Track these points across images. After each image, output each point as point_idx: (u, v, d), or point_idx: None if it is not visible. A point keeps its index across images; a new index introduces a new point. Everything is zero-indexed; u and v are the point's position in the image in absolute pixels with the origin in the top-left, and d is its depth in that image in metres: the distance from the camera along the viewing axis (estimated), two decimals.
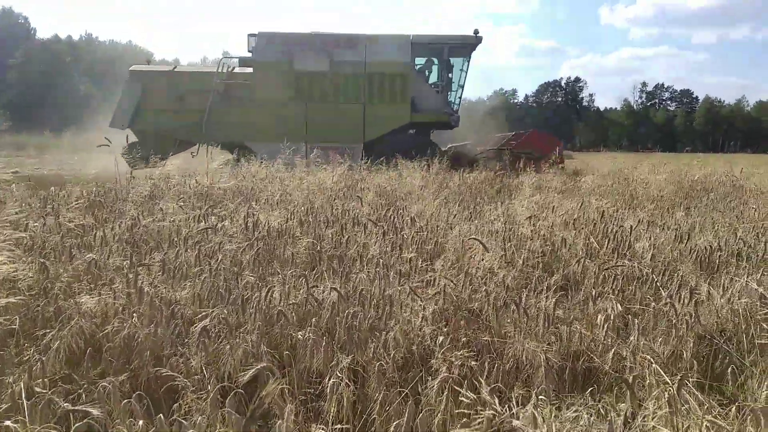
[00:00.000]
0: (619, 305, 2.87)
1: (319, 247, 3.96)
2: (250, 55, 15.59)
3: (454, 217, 5.32)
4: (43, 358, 2.15)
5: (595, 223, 4.74)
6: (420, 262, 3.64)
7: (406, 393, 2.19)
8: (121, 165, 7.96)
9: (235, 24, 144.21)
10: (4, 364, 2.19)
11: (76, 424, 1.64)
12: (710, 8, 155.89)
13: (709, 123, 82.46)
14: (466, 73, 16.06)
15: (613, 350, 2.52)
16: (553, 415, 1.91)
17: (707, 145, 69.84)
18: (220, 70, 15.14)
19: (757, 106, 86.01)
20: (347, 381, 2.16)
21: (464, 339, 2.70)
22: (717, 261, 3.86)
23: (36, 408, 1.79)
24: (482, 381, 2.02)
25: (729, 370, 2.45)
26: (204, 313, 2.66)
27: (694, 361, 2.54)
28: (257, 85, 15.14)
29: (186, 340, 2.51)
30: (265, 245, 3.96)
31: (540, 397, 2.01)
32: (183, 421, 1.72)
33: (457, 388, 2.10)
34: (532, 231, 4.35)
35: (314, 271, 3.53)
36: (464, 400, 2.10)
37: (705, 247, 3.99)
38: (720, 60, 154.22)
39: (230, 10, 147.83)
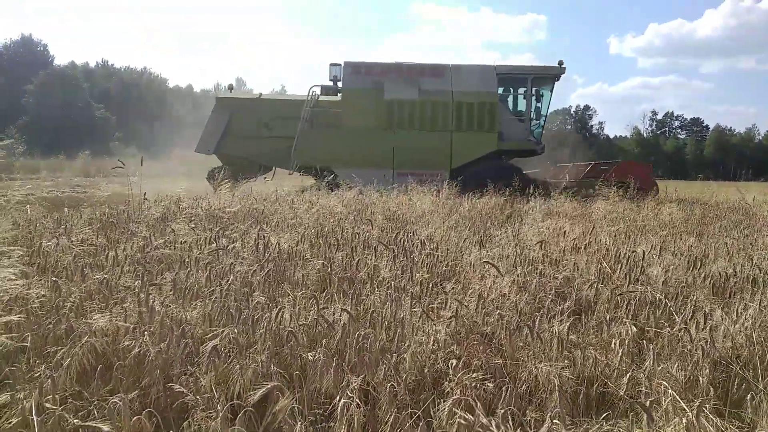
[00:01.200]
0: (633, 327, 2.83)
1: (329, 269, 3.95)
2: (331, 83, 16.17)
3: (464, 240, 5.31)
4: (54, 375, 2.14)
5: (607, 248, 4.71)
6: (431, 285, 3.62)
7: (418, 415, 2.16)
8: (135, 187, 8.04)
9: (234, 50, 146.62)
10: (16, 381, 2.19)
11: None
12: (717, 39, 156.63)
13: (720, 151, 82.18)
14: (549, 102, 16.54)
15: (628, 375, 2.48)
16: None
17: (718, 173, 69.56)
18: (309, 98, 15.57)
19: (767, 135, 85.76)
20: (358, 402, 2.14)
21: (477, 362, 2.67)
22: (731, 287, 3.81)
23: (46, 424, 1.78)
24: (497, 404, 1.99)
25: (748, 396, 2.40)
26: (214, 333, 2.66)
27: (711, 387, 2.50)
28: (346, 112, 15.61)
29: (196, 360, 2.50)
30: (276, 267, 3.96)
31: (554, 420, 1.98)
32: None
33: (469, 411, 2.07)
34: (543, 255, 4.32)
35: (324, 293, 3.52)
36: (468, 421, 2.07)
37: (719, 273, 3.94)
38: (728, 89, 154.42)
39: (235, 38, 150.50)
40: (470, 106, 15.48)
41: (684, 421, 1.91)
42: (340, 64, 16.11)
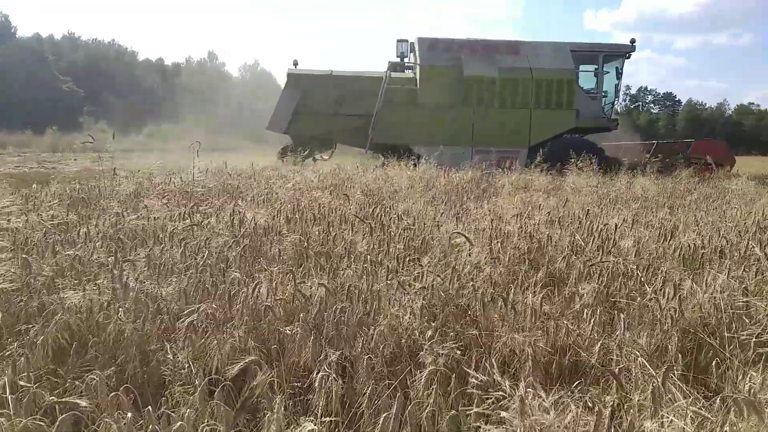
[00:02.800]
0: (605, 291, 2.90)
1: (306, 244, 3.95)
2: (398, 60, 16.00)
3: (441, 215, 5.33)
4: (27, 353, 2.12)
5: (580, 221, 4.78)
6: (407, 259, 3.65)
7: (395, 386, 2.19)
8: (105, 163, 7.88)
9: (210, 18, 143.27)
10: None
11: (62, 416, 1.62)
12: (689, 15, 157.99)
13: (691, 126, 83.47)
14: (620, 79, 16.53)
15: (599, 343, 2.54)
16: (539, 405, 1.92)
17: None
18: (386, 75, 15.30)
19: (737, 110, 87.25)
20: (335, 375, 2.16)
21: (452, 333, 2.71)
22: (700, 258, 3.91)
23: (21, 402, 1.77)
24: (470, 372, 2.02)
25: (713, 363, 2.48)
26: (190, 309, 2.65)
27: (679, 355, 2.58)
28: (423, 89, 15.41)
29: (172, 336, 2.49)
30: (251, 242, 3.94)
31: (527, 389, 2.02)
32: (171, 413, 1.70)
33: (445, 381, 2.11)
34: (518, 229, 4.37)
35: (301, 268, 3.52)
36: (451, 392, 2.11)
37: (689, 245, 4.04)
38: (700, 64, 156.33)
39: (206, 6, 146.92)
40: (549, 83, 15.42)
41: (651, 386, 1.97)
42: (407, 40, 16.00)
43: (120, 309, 2.58)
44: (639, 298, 3.06)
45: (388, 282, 2.98)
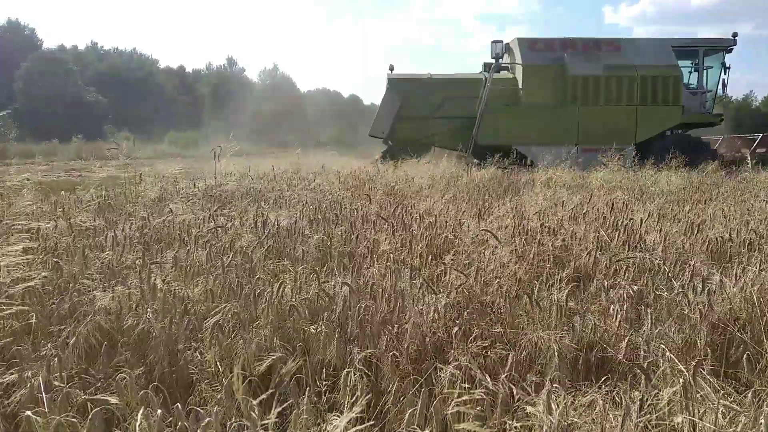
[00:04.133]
0: (633, 292, 2.86)
1: (329, 245, 3.97)
2: (493, 61, 16.04)
3: (463, 213, 5.32)
4: (61, 354, 2.17)
5: (605, 217, 4.73)
6: (430, 258, 3.64)
7: (420, 383, 2.20)
8: (130, 169, 8.02)
9: (228, 28, 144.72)
10: (23, 360, 2.21)
11: (94, 410, 1.65)
12: (711, 6, 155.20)
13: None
14: (721, 74, 16.38)
15: (626, 339, 2.51)
16: (567, 402, 1.91)
17: None
18: (488, 77, 15.47)
19: (765, 101, 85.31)
20: (361, 373, 2.17)
21: (477, 331, 2.70)
22: (729, 251, 3.84)
23: (55, 401, 1.81)
24: (498, 370, 2.02)
25: (744, 357, 2.44)
26: (217, 309, 2.68)
27: (708, 350, 2.53)
28: (527, 89, 15.55)
29: (199, 335, 2.53)
30: (275, 243, 3.97)
31: (554, 384, 2.01)
32: (200, 410, 1.73)
33: (470, 377, 2.10)
34: (542, 226, 4.34)
35: (324, 268, 3.54)
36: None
37: (717, 238, 3.97)
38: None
39: (225, 12, 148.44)
40: (654, 79, 15.39)
41: (681, 380, 1.94)
42: (501, 41, 16.04)
43: (148, 310, 2.62)
44: (666, 293, 3.02)
45: (412, 281, 2.98)
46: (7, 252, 2.87)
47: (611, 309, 2.85)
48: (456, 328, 2.49)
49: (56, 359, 2.18)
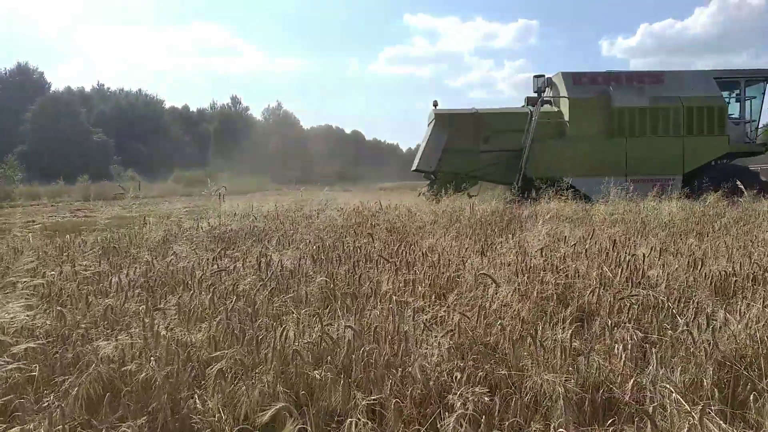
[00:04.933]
0: (638, 332, 2.85)
1: (332, 285, 3.97)
2: (535, 95, 16.57)
3: (466, 250, 5.32)
4: (63, 405, 2.16)
5: (607, 252, 4.72)
6: (433, 297, 3.64)
7: (425, 430, 2.18)
8: (135, 210, 8.09)
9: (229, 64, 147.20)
10: (25, 412, 2.20)
11: None
12: (709, 36, 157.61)
13: None
14: (762, 104, 16.77)
15: (632, 380, 2.49)
16: None
17: None
18: (535, 110, 15.84)
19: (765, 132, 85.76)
20: (365, 420, 2.15)
21: (481, 373, 2.69)
22: (732, 286, 3.83)
23: None
24: (502, 415, 2.00)
25: (751, 396, 2.41)
26: (219, 355, 2.68)
27: (715, 389, 2.51)
28: (573, 121, 15.92)
29: (203, 382, 2.52)
30: (278, 285, 3.98)
31: (560, 430, 1.99)
32: None
33: (475, 424, 2.09)
34: (544, 262, 4.34)
35: (328, 309, 3.54)
36: None
37: (720, 273, 3.96)
38: None
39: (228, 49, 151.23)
40: (700, 110, 15.72)
41: (687, 424, 1.92)
42: (543, 76, 16.65)
43: (152, 357, 2.62)
44: (671, 331, 3.00)
45: (414, 322, 2.97)
46: (8, 310, 2.89)
47: (616, 348, 2.83)
48: (459, 373, 2.47)
49: (58, 411, 2.17)
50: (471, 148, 15.83)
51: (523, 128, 15.63)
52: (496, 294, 3.49)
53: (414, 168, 16.71)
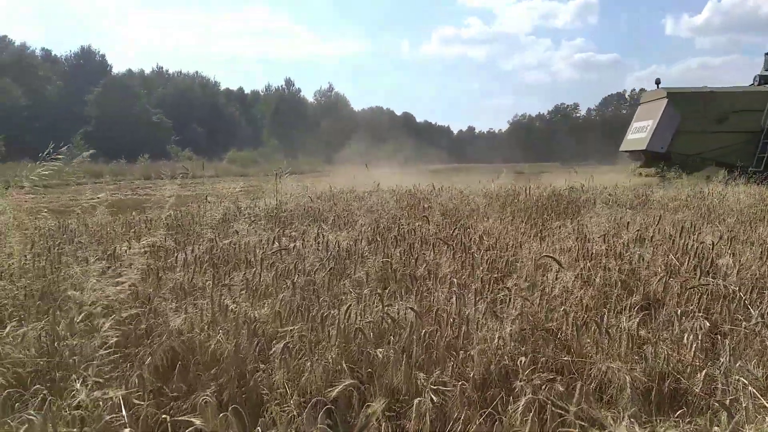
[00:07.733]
0: (707, 322, 2.75)
1: (390, 267, 3.99)
2: (767, 73, 16.07)
3: (523, 234, 5.25)
4: (142, 372, 2.26)
5: (673, 240, 4.56)
6: (492, 281, 3.61)
7: (488, 413, 2.18)
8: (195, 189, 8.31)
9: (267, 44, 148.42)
10: (105, 380, 2.32)
11: None
12: None
13: None
14: None
15: (704, 372, 2.41)
16: None
17: None
18: None
19: None
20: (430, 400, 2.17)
21: (543, 359, 2.66)
22: None
23: (138, 419, 1.89)
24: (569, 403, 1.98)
25: None
26: (284, 331, 2.74)
27: None
28: None
29: (269, 356, 2.59)
30: (337, 265, 4.03)
31: (631, 419, 1.95)
32: None
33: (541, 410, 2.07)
34: (606, 248, 4.23)
35: (387, 290, 3.56)
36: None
37: None
38: None
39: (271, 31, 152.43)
40: None
41: (767, 420, 1.85)
42: None
43: (220, 330, 2.71)
44: (744, 323, 2.89)
45: (476, 306, 2.96)
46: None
47: (685, 338, 2.75)
48: (522, 357, 2.45)
49: (135, 377, 2.27)
50: (704, 129, 14.96)
51: (763, 108, 14.70)
52: (557, 279, 3.43)
53: (624, 148, 15.74)
